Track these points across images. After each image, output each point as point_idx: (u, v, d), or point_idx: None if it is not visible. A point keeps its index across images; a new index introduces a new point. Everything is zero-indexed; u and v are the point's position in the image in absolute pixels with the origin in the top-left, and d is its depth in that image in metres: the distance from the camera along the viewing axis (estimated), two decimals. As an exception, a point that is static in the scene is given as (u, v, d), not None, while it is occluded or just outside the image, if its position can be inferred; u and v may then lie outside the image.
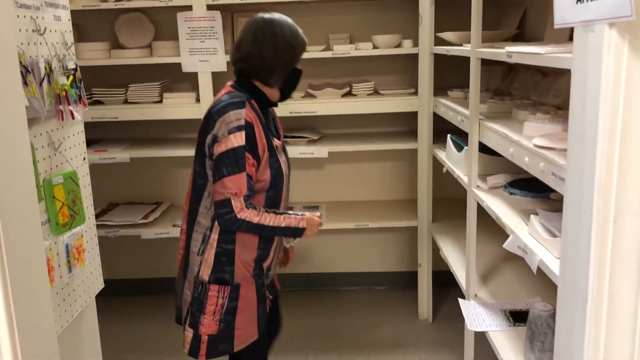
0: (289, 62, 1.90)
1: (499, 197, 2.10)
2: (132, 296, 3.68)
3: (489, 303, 2.23)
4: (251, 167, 1.83)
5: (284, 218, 1.89)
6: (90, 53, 3.16)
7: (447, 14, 3.07)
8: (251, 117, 1.84)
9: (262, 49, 1.85)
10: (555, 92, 2.27)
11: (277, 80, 1.91)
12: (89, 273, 1.95)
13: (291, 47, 1.87)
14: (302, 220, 1.91)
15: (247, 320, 1.97)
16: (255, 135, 1.84)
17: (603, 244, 1.01)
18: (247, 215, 1.82)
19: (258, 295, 1.98)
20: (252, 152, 1.83)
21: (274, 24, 1.87)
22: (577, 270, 1.08)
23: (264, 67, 1.88)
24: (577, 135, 1.06)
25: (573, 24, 1.05)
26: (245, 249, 1.93)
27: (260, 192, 1.90)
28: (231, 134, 1.79)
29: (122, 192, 3.64)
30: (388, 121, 3.48)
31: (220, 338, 1.94)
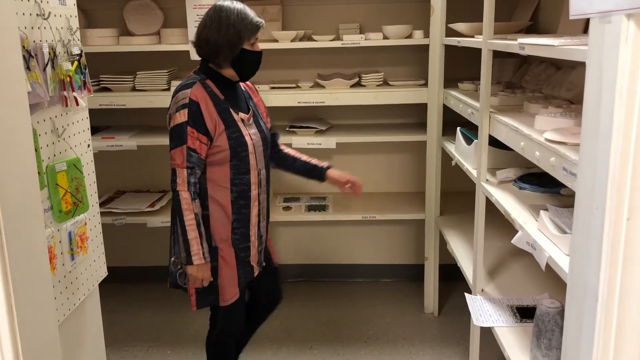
0: (234, 44, 2.02)
1: (508, 191, 2.06)
2: (137, 284, 3.69)
3: (496, 298, 2.20)
4: (195, 141, 2.00)
5: (194, 237, 2.03)
6: (99, 39, 3.14)
7: (459, 4, 3.01)
8: (198, 95, 2.02)
9: (207, 33, 2.03)
10: (568, 86, 2.23)
11: (224, 60, 2.06)
12: (92, 261, 1.94)
13: (235, 30, 2.01)
14: (199, 259, 2.04)
15: (228, 281, 2.15)
16: (202, 111, 2.01)
17: (615, 241, 0.98)
18: (183, 195, 2.02)
19: (237, 259, 2.16)
20: (197, 127, 2.00)
21: (221, 9, 2.04)
22: (588, 268, 1.05)
23: (209, 49, 2.05)
24: (590, 130, 1.03)
25: (589, 14, 1.01)
26: (219, 214, 2.11)
27: (224, 163, 2.08)
28: (177, 112, 2.02)
29: (129, 179, 3.63)
30: (397, 113, 3.44)
31: (205, 291, 2.14)
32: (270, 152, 2.32)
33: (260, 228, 2.23)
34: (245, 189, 2.13)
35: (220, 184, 2.10)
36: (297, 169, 2.40)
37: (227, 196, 2.11)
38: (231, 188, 2.11)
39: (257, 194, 2.17)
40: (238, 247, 2.16)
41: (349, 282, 3.68)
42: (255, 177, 2.15)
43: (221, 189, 2.10)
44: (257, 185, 2.17)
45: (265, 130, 2.23)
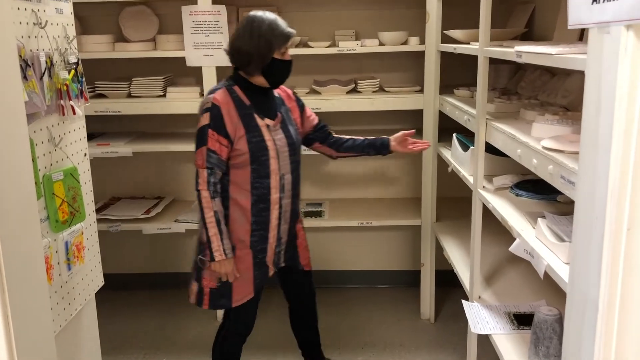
0: (265, 54, 2.12)
1: (505, 198, 2.07)
2: (132, 290, 3.67)
3: (493, 305, 2.20)
4: (215, 143, 2.11)
5: (214, 234, 2.12)
6: (94, 46, 3.14)
7: (455, 11, 3.03)
8: (220, 100, 2.13)
9: (240, 43, 2.13)
10: (563, 93, 2.24)
11: (255, 69, 2.15)
12: (89, 271, 1.93)
13: (266, 41, 2.10)
14: (220, 255, 2.14)
15: (243, 280, 2.24)
16: (222, 115, 2.11)
17: (615, 252, 0.98)
18: (203, 194, 2.12)
19: (254, 259, 2.25)
20: (217, 129, 2.11)
21: (253, 19, 2.13)
22: (588, 278, 1.05)
23: (241, 58, 2.15)
24: (590, 140, 1.03)
25: (588, 25, 1.01)
26: (238, 216, 2.20)
27: (244, 166, 2.17)
28: (201, 115, 2.14)
29: (124, 186, 3.62)
30: (393, 119, 3.45)
31: (219, 292, 2.23)
32: (326, 143, 2.48)
33: (281, 231, 2.30)
34: (265, 192, 2.21)
35: (242, 186, 2.19)
36: (361, 147, 2.51)
37: (247, 199, 2.20)
38: (251, 191, 2.19)
39: (278, 197, 2.24)
40: (256, 249, 2.25)
41: (345, 289, 3.67)
42: (277, 181, 2.22)
43: (242, 192, 2.19)
44: (279, 190, 2.24)
45: (294, 136, 2.29)
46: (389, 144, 2.49)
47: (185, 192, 3.61)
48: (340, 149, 2.50)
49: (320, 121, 2.49)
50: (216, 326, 3.25)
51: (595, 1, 0.99)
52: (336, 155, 2.53)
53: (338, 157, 2.54)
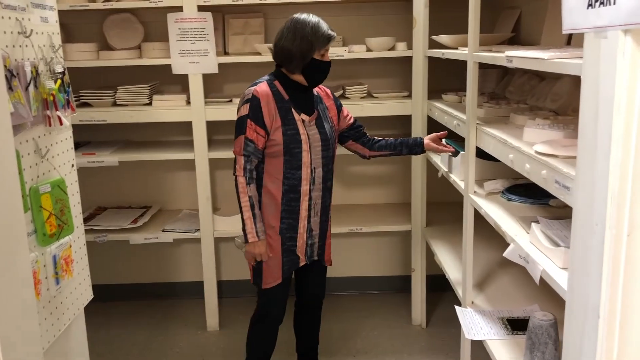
0: (305, 53, 2.23)
1: (496, 203, 2.06)
2: (119, 302, 3.61)
3: (486, 311, 2.19)
4: (253, 132, 2.24)
5: (248, 217, 2.28)
6: (78, 54, 3.09)
7: (441, 16, 3.03)
8: (260, 92, 2.25)
9: (283, 42, 2.26)
10: (552, 97, 2.24)
11: (295, 67, 2.27)
12: (78, 284, 1.88)
13: (307, 41, 2.22)
14: (253, 237, 2.29)
15: (273, 265, 2.37)
16: (261, 107, 2.24)
17: (616, 258, 0.97)
18: (239, 180, 2.27)
19: (283, 246, 2.37)
20: (256, 120, 2.24)
21: (297, 21, 2.27)
22: (588, 285, 1.04)
23: (284, 56, 2.27)
24: (588, 145, 1.02)
25: (584, 29, 1.01)
26: (270, 203, 2.33)
27: (278, 156, 2.29)
28: (242, 106, 2.27)
29: (110, 195, 3.57)
30: (382, 125, 3.44)
31: (255, 272, 2.41)
32: (359, 141, 2.57)
33: (311, 222, 2.40)
34: (296, 183, 2.32)
35: (274, 175, 2.31)
36: (393, 146, 2.58)
37: (279, 188, 2.32)
38: (283, 181, 2.31)
39: (307, 189, 2.35)
40: (285, 236, 2.36)
41: (336, 295, 3.65)
42: (308, 173, 2.33)
43: (274, 180, 2.31)
44: (309, 182, 2.34)
45: (329, 132, 2.39)
46: (422, 143, 2.55)
47: (172, 201, 3.57)
48: (373, 147, 2.58)
49: (356, 121, 2.58)
50: (205, 336, 3.25)
51: (591, 5, 0.98)
52: (369, 154, 2.60)
53: (371, 156, 2.61)
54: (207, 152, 3.11)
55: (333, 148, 2.43)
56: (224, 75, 3.31)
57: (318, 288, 2.64)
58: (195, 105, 3.05)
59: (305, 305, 2.67)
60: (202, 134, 3.08)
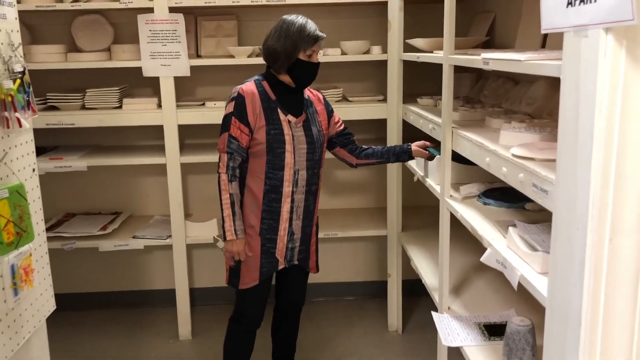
0: (290, 53, 2.23)
1: (472, 207, 2.04)
2: (90, 310, 3.51)
3: (463, 316, 2.17)
4: (237, 130, 2.24)
5: (228, 215, 2.26)
6: (45, 56, 3.00)
7: (416, 20, 3.02)
8: (246, 90, 2.26)
9: (270, 42, 2.26)
10: (527, 100, 2.24)
11: (281, 67, 2.27)
12: (39, 295, 1.79)
13: (292, 41, 2.22)
14: (231, 235, 2.27)
15: (251, 265, 2.34)
16: (246, 105, 2.24)
17: (598, 264, 0.94)
18: (222, 177, 2.26)
19: (262, 247, 2.34)
20: (240, 118, 2.24)
21: (284, 21, 2.26)
22: (569, 292, 1.01)
23: (270, 56, 2.27)
24: (568, 148, 1.00)
25: (564, 28, 0.98)
26: (251, 202, 2.32)
27: (261, 155, 2.28)
28: (228, 104, 2.29)
29: (79, 201, 3.47)
30: (357, 128, 3.38)
31: (232, 272, 2.38)
32: (347, 148, 2.55)
33: (293, 225, 2.36)
34: (278, 184, 2.30)
35: (257, 174, 2.30)
36: (380, 154, 2.54)
37: (260, 187, 2.30)
38: (265, 180, 2.29)
39: (290, 191, 2.32)
40: (265, 237, 2.33)
41: (311, 302, 3.59)
42: (291, 175, 2.31)
43: (257, 180, 2.30)
44: (292, 184, 2.32)
45: (316, 136, 2.37)
46: (410, 150, 2.51)
47: (144, 207, 3.48)
48: (360, 155, 2.56)
49: (346, 128, 2.56)
50: (177, 345, 3.17)
51: (571, 4, 0.96)
52: (356, 162, 2.57)
53: (358, 164, 2.58)
54: (179, 157, 3.04)
55: (320, 152, 2.39)
56: (197, 78, 3.25)
57: (297, 294, 2.59)
58: (166, 108, 2.98)
59: (283, 310, 2.63)
60: (173, 138, 3.01)
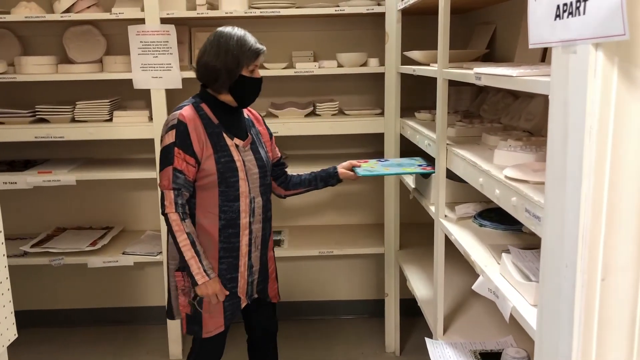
0: (232, 69, 2.01)
1: (468, 229, 1.94)
2: (79, 327, 3.43)
3: (458, 343, 2.06)
4: (182, 162, 2.00)
5: (191, 257, 2.02)
6: (35, 67, 2.94)
7: (414, 32, 2.93)
8: (187, 116, 2.02)
9: (207, 59, 2.03)
10: (527, 116, 2.14)
11: (221, 86, 2.05)
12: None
13: (233, 56, 2.00)
14: (203, 277, 2.03)
15: (214, 311, 2.12)
16: (189, 132, 2.00)
17: (589, 305, 0.84)
18: (171, 217, 2.02)
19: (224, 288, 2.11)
20: (184, 148, 2.00)
21: (221, 35, 2.04)
22: (558, 334, 0.91)
23: (208, 74, 2.05)
24: (556, 174, 0.90)
25: (551, 43, 0.89)
26: (206, 242, 2.08)
27: (212, 188, 2.06)
28: (166, 134, 2.03)
29: (70, 216, 3.39)
30: (354, 143, 3.32)
31: (192, 319, 2.13)
32: (278, 182, 2.35)
33: (252, 258, 2.18)
34: (234, 216, 2.10)
35: (209, 209, 2.08)
36: (308, 181, 2.38)
37: (215, 223, 2.08)
38: (219, 215, 2.08)
39: (247, 222, 2.13)
40: (225, 278, 2.12)
41: (306, 320, 3.49)
42: (247, 204, 2.11)
43: (209, 215, 2.08)
44: (249, 214, 2.12)
45: (265, 158, 2.20)
46: (337, 173, 2.36)
47: (135, 222, 3.40)
48: (288, 186, 2.37)
49: (282, 156, 2.39)
50: (168, 365, 3.07)
51: (559, 16, 0.86)
52: (284, 194, 2.39)
53: (286, 195, 2.40)
54: (170, 171, 2.95)
55: (270, 175, 2.23)
56: (189, 91, 3.13)
57: (267, 323, 2.39)
58: (158, 121, 2.90)
59: (257, 342, 2.43)
60: (164, 152, 2.92)
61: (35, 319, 3.43)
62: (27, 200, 3.33)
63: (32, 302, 3.43)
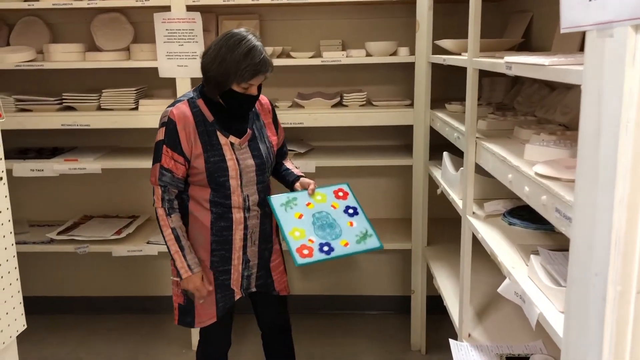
0: (221, 81, 1.94)
1: (496, 227, 1.84)
2: (106, 315, 3.44)
3: (484, 345, 1.97)
4: (170, 160, 1.99)
5: (175, 252, 2.03)
6: (63, 55, 2.94)
7: (446, 20, 2.82)
8: (177, 115, 1.98)
9: (205, 60, 1.97)
10: (563, 109, 2.02)
11: (210, 91, 2.00)
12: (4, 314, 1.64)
13: (225, 70, 1.91)
14: (186, 272, 2.03)
15: (206, 302, 2.11)
16: (178, 131, 1.97)
17: (622, 320, 0.75)
18: (159, 212, 2.03)
19: (216, 280, 2.11)
20: (172, 146, 1.98)
21: (227, 41, 1.93)
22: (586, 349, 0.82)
23: (203, 75, 2.00)
24: (587, 173, 0.81)
25: (585, 27, 0.79)
26: (198, 234, 2.08)
27: (202, 184, 2.05)
28: (159, 129, 2.02)
29: (97, 204, 3.40)
30: (382, 134, 3.23)
31: (185, 310, 2.14)
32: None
33: (248, 253, 2.13)
34: (226, 210, 2.07)
35: (201, 203, 2.07)
36: (279, 179, 2.31)
37: (207, 216, 2.07)
38: (211, 209, 2.06)
39: (242, 217, 2.08)
40: (217, 270, 2.10)
41: (330, 314, 3.43)
42: (240, 202, 2.08)
43: (202, 209, 2.07)
44: (243, 210, 2.08)
45: (265, 154, 2.12)
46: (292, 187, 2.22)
47: (161, 211, 3.38)
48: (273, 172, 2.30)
49: (284, 146, 2.32)
50: (189, 356, 3.05)
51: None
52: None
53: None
54: (194, 161, 2.92)
55: (270, 171, 2.18)
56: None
57: (276, 319, 2.34)
58: (182, 110, 2.86)
59: (270, 336, 2.39)
60: (189, 142, 2.89)
61: (61, 306, 3.46)
62: (56, 188, 3.35)
63: (58, 289, 3.46)
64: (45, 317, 3.30)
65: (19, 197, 3.06)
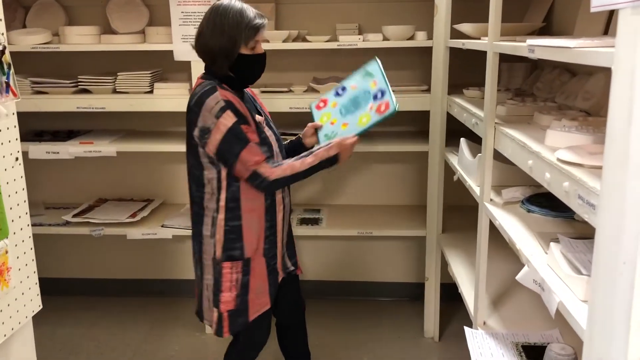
0: (229, 50, 1.92)
1: (514, 214, 1.81)
2: (119, 297, 3.47)
3: (500, 334, 1.95)
4: (253, 134, 1.94)
5: (312, 157, 1.99)
6: (78, 37, 2.93)
7: (465, 3, 2.76)
8: (228, 96, 1.92)
9: (203, 40, 1.95)
10: (584, 95, 1.98)
11: (220, 67, 1.96)
12: (20, 294, 1.64)
13: (229, 37, 1.90)
14: (331, 149, 2.01)
15: (259, 292, 2.09)
16: (239, 109, 1.92)
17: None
18: (278, 174, 1.95)
19: (268, 267, 2.10)
20: (247, 122, 1.93)
21: (217, 12, 1.93)
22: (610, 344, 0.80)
23: (206, 55, 1.98)
24: (617, 158, 0.78)
25: (617, 4, 0.76)
26: (252, 223, 2.03)
27: None
28: (219, 118, 1.89)
29: (112, 187, 3.41)
30: (397, 120, 3.16)
31: (237, 312, 2.06)
32: None
33: (284, 233, 2.18)
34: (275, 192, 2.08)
35: (254, 192, 2.01)
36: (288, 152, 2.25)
37: (261, 203, 2.04)
38: (266, 195, 2.04)
39: (281, 197, 2.11)
40: (268, 256, 2.11)
41: (343, 300, 3.43)
42: None
43: (254, 198, 2.02)
44: (282, 189, 2.11)
45: (278, 133, 2.16)
46: (302, 144, 2.26)
47: (175, 195, 3.39)
48: None
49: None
50: (202, 339, 3.07)
51: (628, -27, 0.74)
52: None
53: None
54: (209, 145, 2.91)
55: None
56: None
57: (296, 296, 2.35)
58: (197, 94, 2.85)
59: (286, 323, 2.38)
60: (204, 125, 2.88)
61: (76, 287, 3.49)
62: (71, 170, 3.36)
63: (73, 271, 3.49)
64: (61, 298, 3.32)
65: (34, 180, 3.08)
